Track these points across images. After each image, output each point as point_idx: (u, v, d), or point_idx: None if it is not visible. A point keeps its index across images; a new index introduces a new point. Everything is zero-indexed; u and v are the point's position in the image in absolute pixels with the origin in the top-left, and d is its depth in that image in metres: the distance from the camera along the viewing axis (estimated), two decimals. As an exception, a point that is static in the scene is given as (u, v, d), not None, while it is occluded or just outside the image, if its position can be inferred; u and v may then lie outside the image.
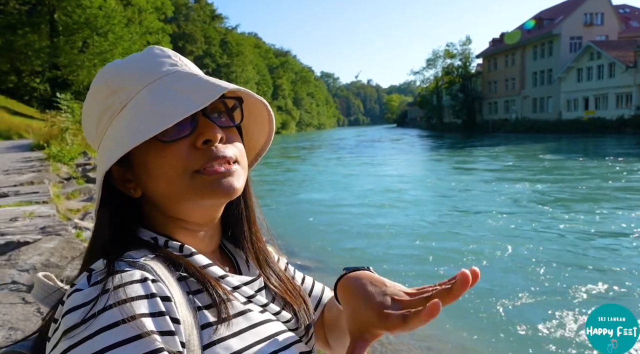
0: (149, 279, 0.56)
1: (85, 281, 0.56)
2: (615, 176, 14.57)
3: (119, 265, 0.57)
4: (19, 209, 5.40)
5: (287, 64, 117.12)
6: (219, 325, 0.60)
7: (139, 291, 0.54)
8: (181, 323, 0.56)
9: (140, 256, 0.60)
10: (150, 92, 0.63)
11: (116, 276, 0.55)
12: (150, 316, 0.53)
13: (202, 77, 0.65)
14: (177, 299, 0.57)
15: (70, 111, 15.69)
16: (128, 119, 0.63)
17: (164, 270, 0.60)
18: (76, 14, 29.70)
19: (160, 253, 0.63)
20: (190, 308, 0.59)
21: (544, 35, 48.45)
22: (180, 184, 0.63)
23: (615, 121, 37.82)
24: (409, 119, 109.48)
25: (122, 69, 0.68)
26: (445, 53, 63.46)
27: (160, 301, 0.55)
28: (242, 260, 0.79)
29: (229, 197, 0.66)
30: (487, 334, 4.63)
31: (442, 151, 31.09)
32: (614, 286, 5.63)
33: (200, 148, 0.63)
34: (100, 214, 0.66)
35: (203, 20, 78.23)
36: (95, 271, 0.58)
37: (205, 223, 0.70)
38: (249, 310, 0.66)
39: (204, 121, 0.64)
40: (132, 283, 0.55)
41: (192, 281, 0.62)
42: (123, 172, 0.67)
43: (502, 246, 7.60)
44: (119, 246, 0.62)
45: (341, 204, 12.26)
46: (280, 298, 0.76)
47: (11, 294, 2.82)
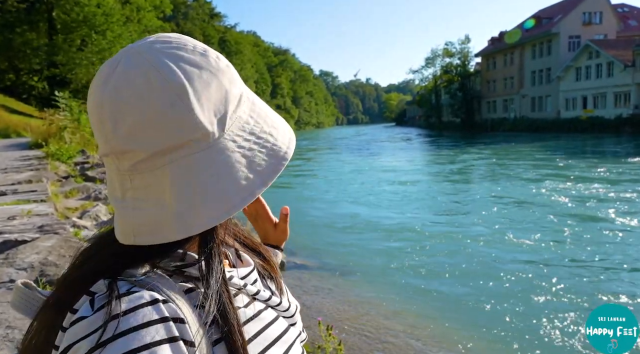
0: (159, 300, 0.51)
1: (88, 306, 0.51)
2: (615, 175, 14.59)
3: (123, 286, 0.52)
4: (17, 207, 5.39)
5: (286, 62, 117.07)
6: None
7: (150, 316, 0.49)
8: (195, 345, 0.52)
9: (143, 272, 0.55)
10: (253, 111, 0.59)
11: (123, 299, 0.50)
12: (165, 342, 0.49)
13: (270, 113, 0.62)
14: (189, 319, 0.53)
15: (68, 110, 15.66)
16: (242, 164, 0.54)
17: (172, 285, 0.55)
18: (74, 12, 29.62)
19: (164, 266, 0.57)
20: (200, 324, 0.54)
21: (543, 34, 48.48)
22: None
23: (613, 120, 37.87)
24: (408, 118, 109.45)
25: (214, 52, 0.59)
26: (444, 52, 63.46)
27: (173, 325, 0.50)
28: (233, 254, 0.76)
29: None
30: (487, 334, 4.64)
31: (441, 150, 31.09)
32: (614, 286, 5.63)
33: None
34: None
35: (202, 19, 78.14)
36: (97, 294, 0.52)
37: None
38: (258, 312, 0.63)
39: None
40: (142, 306, 0.50)
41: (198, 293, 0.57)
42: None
43: (500, 245, 7.61)
44: (120, 260, 0.56)
45: (340, 202, 12.27)
46: (269, 277, 0.74)
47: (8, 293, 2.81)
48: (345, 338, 4.29)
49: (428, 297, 5.61)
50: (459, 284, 5.97)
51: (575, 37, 46.54)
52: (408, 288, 5.87)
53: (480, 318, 4.99)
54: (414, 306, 5.33)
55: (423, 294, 5.68)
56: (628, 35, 44.58)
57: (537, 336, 4.51)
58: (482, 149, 28.76)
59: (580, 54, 42.93)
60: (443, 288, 5.87)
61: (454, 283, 6.03)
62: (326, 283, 5.96)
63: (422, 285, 5.97)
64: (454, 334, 4.63)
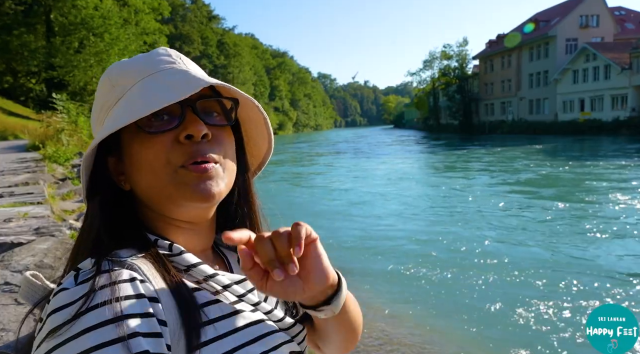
0: (137, 279, 0.55)
1: (72, 279, 0.55)
2: (613, 177, 14.62)
3: (107, 264, 0.56)
4: (14, 209, 5.36)
5: (284, 65, 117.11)
6: (205, 328, 0.58)
7: (126, 291, 0.53)
8: (167, 325, 0.54)
9: (129, 255, 0.59)
10: (142, 85, 0.65)
11: (104, 275, 0.54)
12: (138, 316, 0.51)
13: (190, 73, 0.66)
14: (164, 301, 0.56)
15: (66, 112, 15.62)
16: (117, 109, 0.65)
17: (153, 270, 0.59)
18: (72, 14, 29.60)
19: (148, 252, 0.61)
20: (176, 310, 0.57)
21: (540, 37, 48.65)
22: (163, 177, 0.63)
23: (610, 122, 37.99)
24: (406, 120, 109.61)
25: (124, 66, 0.70)
26: (442, 54, 63.56)
27: (148, 302, 0.54)
28: (234, 258, 0.78)
29: (209, 202, 0.65)
30: (486, 334, 4.63)
31: (439, 152, 31.11)
32: (614, 286, 5.63)
33: (183, 143, 0.63)
34: (91, 205, 0.66)
35: (200, 21, 78.10)
36: (82, 270, 0.57)
37: (195, 222, 0.70)
38: (240, 310, 0.65)
39: (192, 116, 0.64)
40: (120, 282, 0.53)
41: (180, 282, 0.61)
42: (117, 163, 0.68)
43: (499, 246, 7.61)
44: (109, 242, 0.61)
45: (339, 205, 12.26)
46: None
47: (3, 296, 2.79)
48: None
49: (427, 298, 5.60)
50: (458, 285, 5.96)
51: (573, 40, 46.71)
52: (407, 289, 5.86)
53: (479, 318, 4.98)
54: (413, 307, 5.31)
55: (422, 296, 5.67)
56: (625, 38, 44.78)
57: (537, 336, 4.51)
58: (480, 151, 28.80)
59: (577, 56, 43.09)
60: (442, 289, 5.86)
61: (452, 284, 6.02)
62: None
63: (421, 287, 5.95)
64: (454, 334, 4.62)
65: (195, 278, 0.64)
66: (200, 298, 0.61)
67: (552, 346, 4.32)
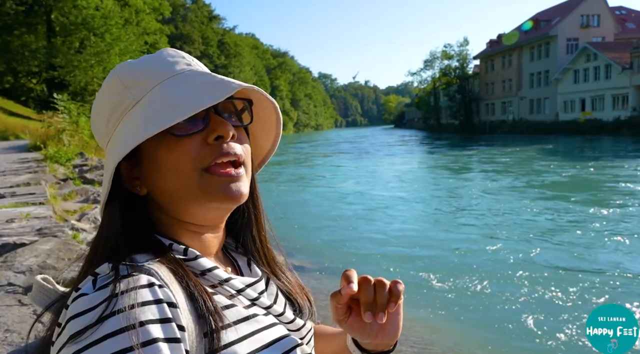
0: (155, 284, 0.55)
1: (90, 285, 0.55)
2: (614, 177, 14.61)
3: (125, 269, 0.56)
4: (16, 210, 5.37)
5: (284, 65, 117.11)
6: (223, 332, 0.58)
7: (146, 297, 0.53)
8: (186, 330, 0.55)
9: (145, 260, 0.59)
10: (165, 88, 0.64)
11: (123, 281, 0.54)
12: (157, 322, 0.52)
13: (216, 76, 0.66)
14: (181, 306, 0.56)
15: (67, 112, 15.61)
16: (142, 112, 0.63)
17: (169, 275, 0.59)
18: (73, 14, 29.62)
19: (164, 257, 0.61)
20: (194, 314, 0.57)
21: (541, 37, 48.60)
22: (190, 181, 0.63)
23: (611, 122, 37.97)
24: (407, 120, 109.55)
25: (136, 67, 0.68)
26: (442, 54, 63.53)
27: (167, 307, 0.54)
28: (244, 262, 0.79)
29: (237, 203, 0.66)
30: (486, 334, 4.63)
31: (439, 152, 31.11)
32: (614, 286, 5.63)
33: (212, 144, 0.64)
34: (109, 212, 0.65)
35: (201, 21, 78.10)
36: (100, 275, 0.57)
37: (211, 226, 0.70)
38: (254, 315, 0.64)
39: (216, 118, 0.65)
40: (139, 287, 0.54)
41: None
42: (130, 168, 0.66)
43: (500, 246, 7.61)
44: (127, 248, 0.61)
45: (340, 205, 12.26)
46: (284, 296, 0.77)
47: (7, 296, 2.80)
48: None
49: (427, 298, 5.60)
50: (458, 285, 5.96)
51: (573, 40, 46.66)
52: (408, 290, 5.86)
53: (479, 318, 4.99)
54: (413, 307, 5.32)
55: (422, 296, 5.67)
56: (626, 37, 44.72)
57: (537, 336, 4.51)
58: (481, 151, 28.80)
59: (578, 56, 43.05)
60: (442, 289, 5.87)
61: (453, 284, 6.03)
62: (325, 284, 5.95)
63: (422, 287, 5.96)
64: (454, 334, 4.63)
65: (210, 282, 0.65)
66: (218, 302, 0.61)
67: (552, 346, 4.33)
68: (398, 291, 0.64)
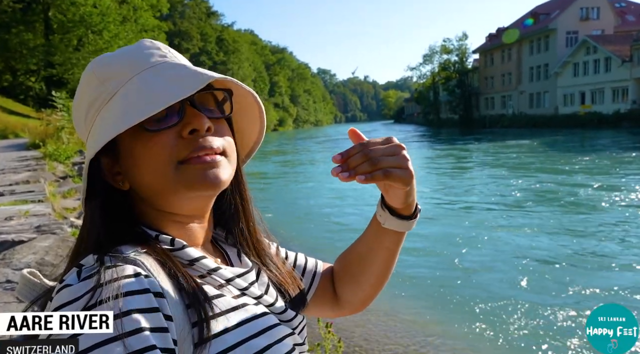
0: (141, 274, 0.54)
1: (74, 276, 0.55)
2: (615, 172, 14.60)
3: (109, 260, 0.56)
4: (15, 208, 5.37)
5: (283, 61, 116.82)
6: (212, 321, 0.58)
7: (131, 286, 0.52)
8: (173, 320, 0.54)
9: (131, 251, 0.59)
10: (139, 81, 0.63)
11: (107, 271, 0.53)
12: (143, 311, 0.51)
13: (190, 67, 0.65)
14: (169, 296, 0.56)
15: (65, 110, 15.60)
16: (115, 107, 0.63)
17: (156, 265, 0.58)
18: (70, 12, 29.56)
19: (151, 248, 0.61)
20: (181, 304, 0.57)
21: (540, 30, 48.45)
22: (166, 176, 0.62)
23: (611, 115, 37.90)
24: (406, 115, 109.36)
25: (112, 60, 0.68)
26: (441, 49, 63.35)
27: (153, 297, 0.53)
28: (234, 253, 0.78)
29: (215, 189, 0.65)
30: (486, 334, 4.63)
31: (439, 147, 31.09)
32: (614, 286, 5.60)
33: (187, 138, 0.63)
34: (90, 207, 0.64)
35: (199, 18, 77.91)
36: (85, 266, 0.56)
37: (195, 216, 0.70)
38: (244, 304, 0.64)
39: (192, 111, 0.63)
40: (125, 277, 0.53)
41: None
42: (112, 163, 0.66)
43: (499, 243, 7.60)
44: (111, 241, 0.60)
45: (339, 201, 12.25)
46: (275, 287, 0.76)
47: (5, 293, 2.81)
48: (345, 335, 4.28)
49: (427, 295, 5.59)
50: (458, 282, 5.95)
51: (573, 33, 46.51)
52: (407, 287, 5.86)
53: (479, 317, 4.97)
54: (413, 304, 5.32)
55: (422, 293, 5.67)
56: (625, 30, 44.55)
57: (537, 336, 4.50)
58: (481, 145, 28.77)
59: (577, 49, 42.93)
60: (442, 286, 5.85)
61: (452, 281, 6.01)
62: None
63: (421, 284, 5.95)
64: (453, 333, 4.62)
65: (198, 272, 0.64)
66: (206, 292, 0.61)
67: (552, 346, 4.31)
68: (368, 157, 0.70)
